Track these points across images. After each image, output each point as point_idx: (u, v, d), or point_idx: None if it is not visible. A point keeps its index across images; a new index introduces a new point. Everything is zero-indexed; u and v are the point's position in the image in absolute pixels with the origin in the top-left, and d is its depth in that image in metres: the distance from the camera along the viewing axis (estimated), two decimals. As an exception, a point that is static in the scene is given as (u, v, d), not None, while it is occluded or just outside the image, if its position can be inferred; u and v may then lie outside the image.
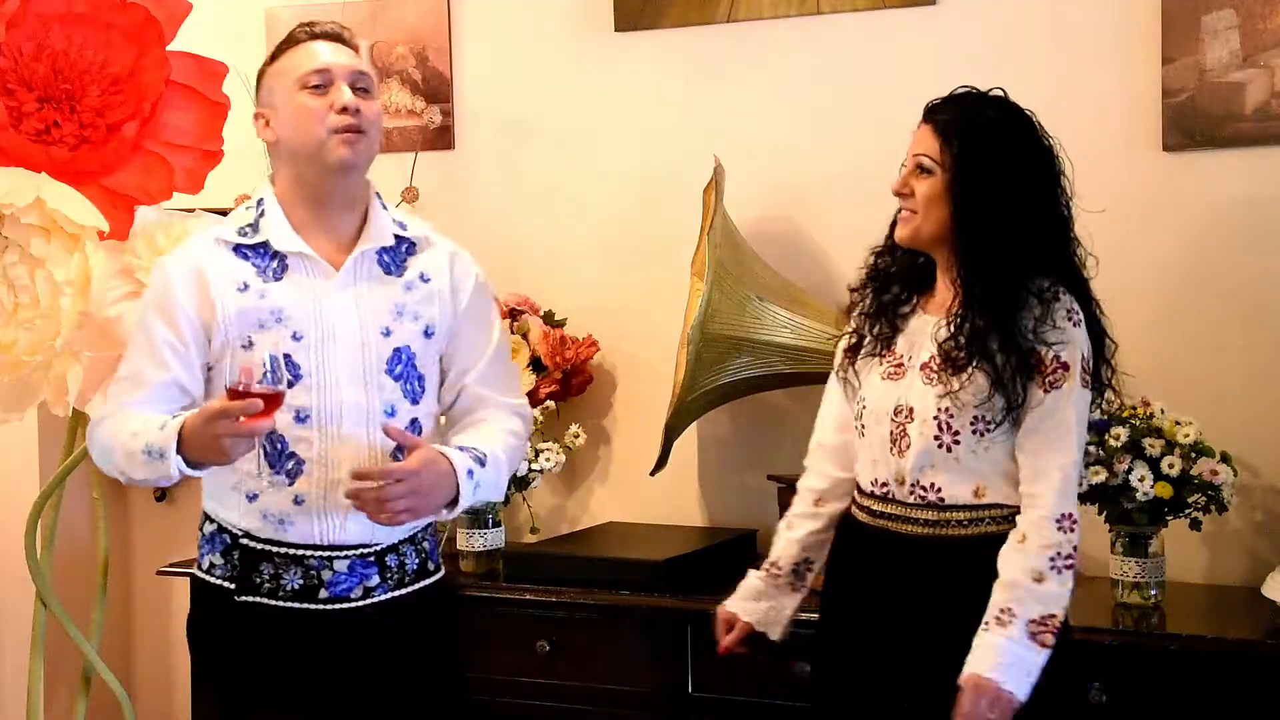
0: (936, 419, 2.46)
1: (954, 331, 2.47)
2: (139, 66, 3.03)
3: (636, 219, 3.65)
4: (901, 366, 2.54)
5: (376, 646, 2.57)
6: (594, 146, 3.69)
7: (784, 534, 2.74)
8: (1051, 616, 2.38)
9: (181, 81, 3.09)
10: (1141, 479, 2.89)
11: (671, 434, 3.32)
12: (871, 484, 2.57)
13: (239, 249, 2.56)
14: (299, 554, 2.54)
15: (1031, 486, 2.42)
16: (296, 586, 2.54)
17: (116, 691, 3.38)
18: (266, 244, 2.55)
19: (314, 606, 2.54)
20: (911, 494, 2.50)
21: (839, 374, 2.66)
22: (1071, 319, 2.44)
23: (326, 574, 2.54)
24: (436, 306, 2.63)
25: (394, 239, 2.62)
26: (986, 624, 2.39)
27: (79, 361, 3.06)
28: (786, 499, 3.30)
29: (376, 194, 2.65)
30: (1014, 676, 2.35)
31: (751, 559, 3.38)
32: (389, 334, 2.57)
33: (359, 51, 2.66)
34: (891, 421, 2.52)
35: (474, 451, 2.57)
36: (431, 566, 2.68)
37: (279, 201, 2.58)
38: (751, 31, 3.54)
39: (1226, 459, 2.97)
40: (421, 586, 2.64)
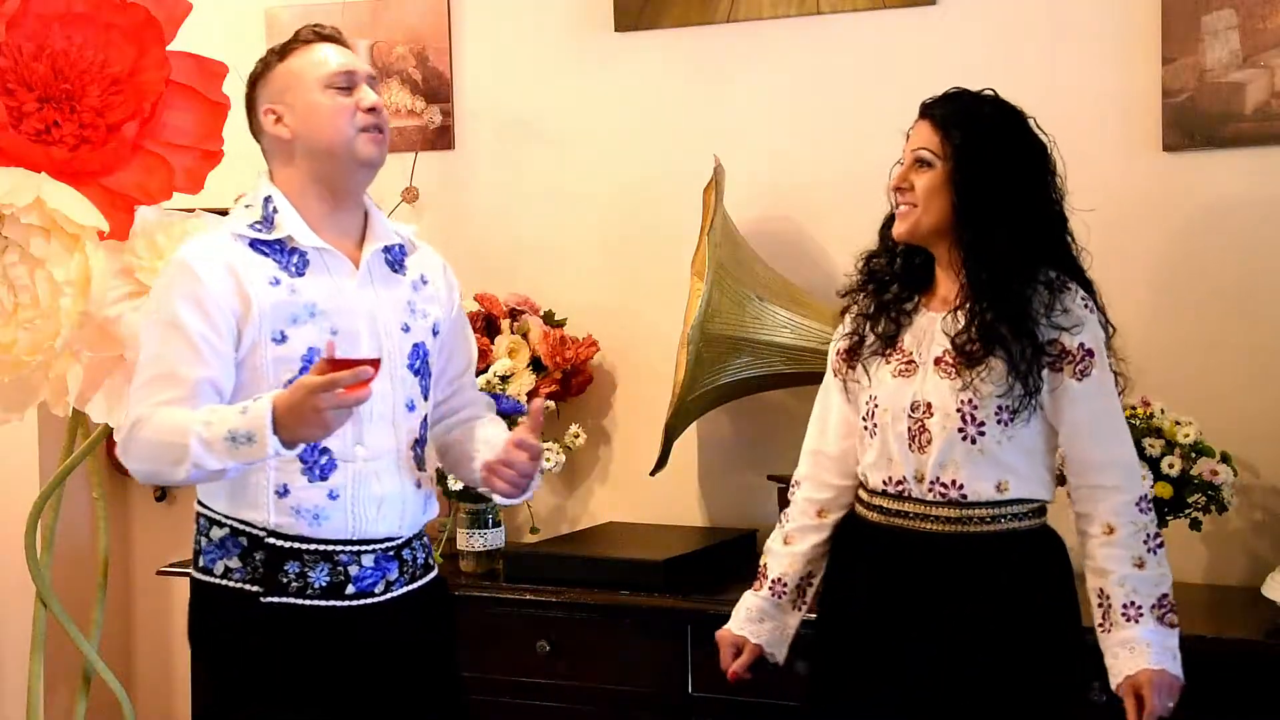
0: (960, 411, 2.46)
1: (966, 324, 2.47)
2: (139, 66, 3.03)
3: (636, 219, 3.65)
4: (913, 363, 2.53)
5: (394, 641, 2.58)
6: (594, 146, 3.69)
7: (783, 550, 2.70)
8: (1166, 596, 2.44)
9: (181, 81, 3.09)
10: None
11: (671, 434, 3.32)
12: (884, 483, 2.56)
13: (255, 244, 2.54)
14: (329, 549, 2.53)
15: (1100, 477, 2.45)
16: (324, 584, 2.52)
17: (116, 691, 3.38)
18: (283, 241, 2.54)
19: (340, 603, 2.53)
20: (930, 491, 2.50)
21: (837, 377, 2.66)
22: (1086, 306, 2.46)
23: (354, 569, 2.54)
24: (438, 307, 2.68)
25: (396, 237, 2.65)
26: (1110, 625, 2.43)
27: (79, 361, 3.06)
28: (787, 499, 3.31)
29: (368, 197, 2.67)
30: (1172, 663, 2.41)
31: (752, 559, 3.39)
32: (408, 330, 2.60)
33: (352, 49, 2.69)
34: (909, 418, 2.51)
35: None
36: (431, 561, 2.71)
37: (288, 198, 2.57)
38: (751, 31, 3.54)
39: (1226, 459, 2.97)
40: (427, 581, 2.66)
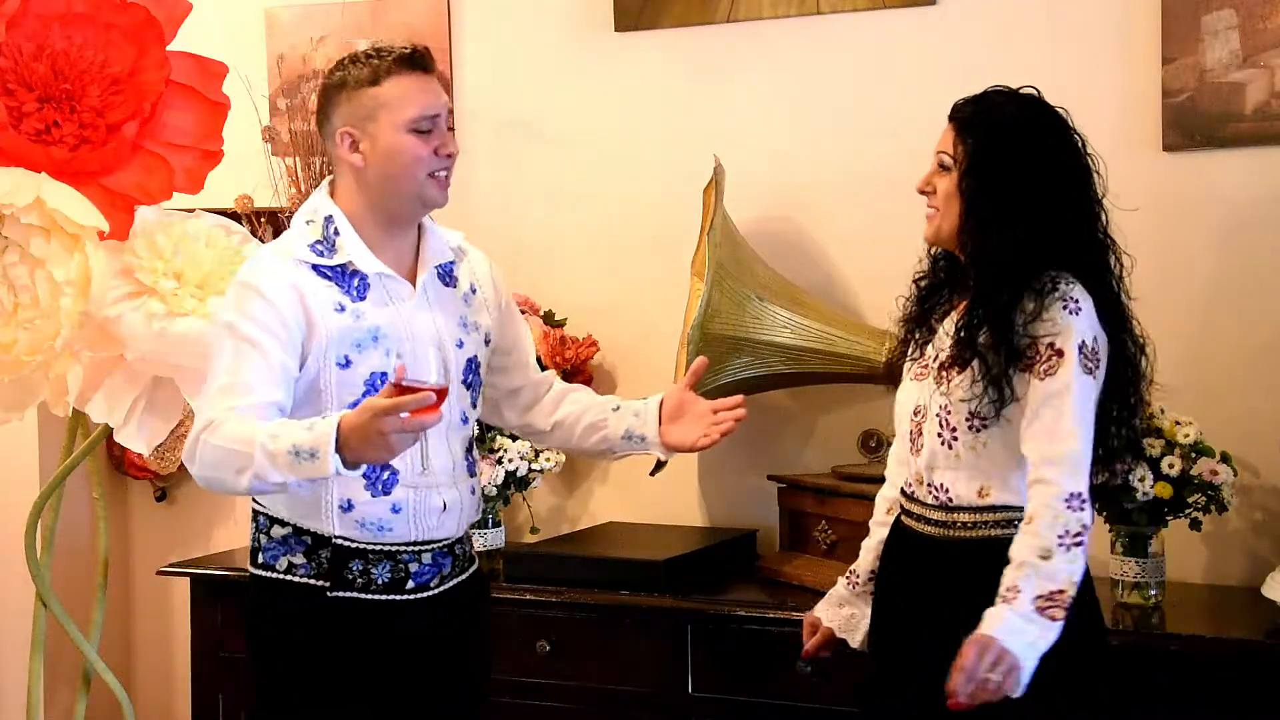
0: (939, 416, 2.48)
1: (958, 329, 2.47)
2: (139, 66, 3.03)
3: (636, 219, 3.65)
4: (927, 368, 2.55)
5: (445, 631, 2.66)
6: (594, 146, 3.69)
7: (865, 543, 2.75)
8: (1060, 592, 2.34)
9: (181, 81, 3.09)
10: (1141, 479, 2.89)
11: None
12: (905, 484, 2.61)
13: (318, 269, 2.56)
14: (392, 549, 2.60)
15: (1037, 472, 2.40)
16: (386, 580, 2.60)
17: (116, 691, 3.38)
18: (344, 265, 2.56)
19: (400, 598, 2.61)
20: (929, 494, 2.52)
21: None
22: (1068, 307, 2.41)
23: (414, 566, 2.62)
24: (488, 315, 2.73)
25: (449, 253, 2.69)
26: (994, 602, 2.37)
27: (79, 361, 3.06)
28: (786, 499, 3.32)
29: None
30: (1017, 643, 2.31)
31: (752, 559, 3.40)
32: (462, 346, 2.65)
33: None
34: (911, 421, 2.55)
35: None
36: (473, 554, 2.80)
37: (349, 217, 2.59)
38: (751, 31, 3.54)
39: (1226, 459, 2.97)
40: (472, 572, 2.76)
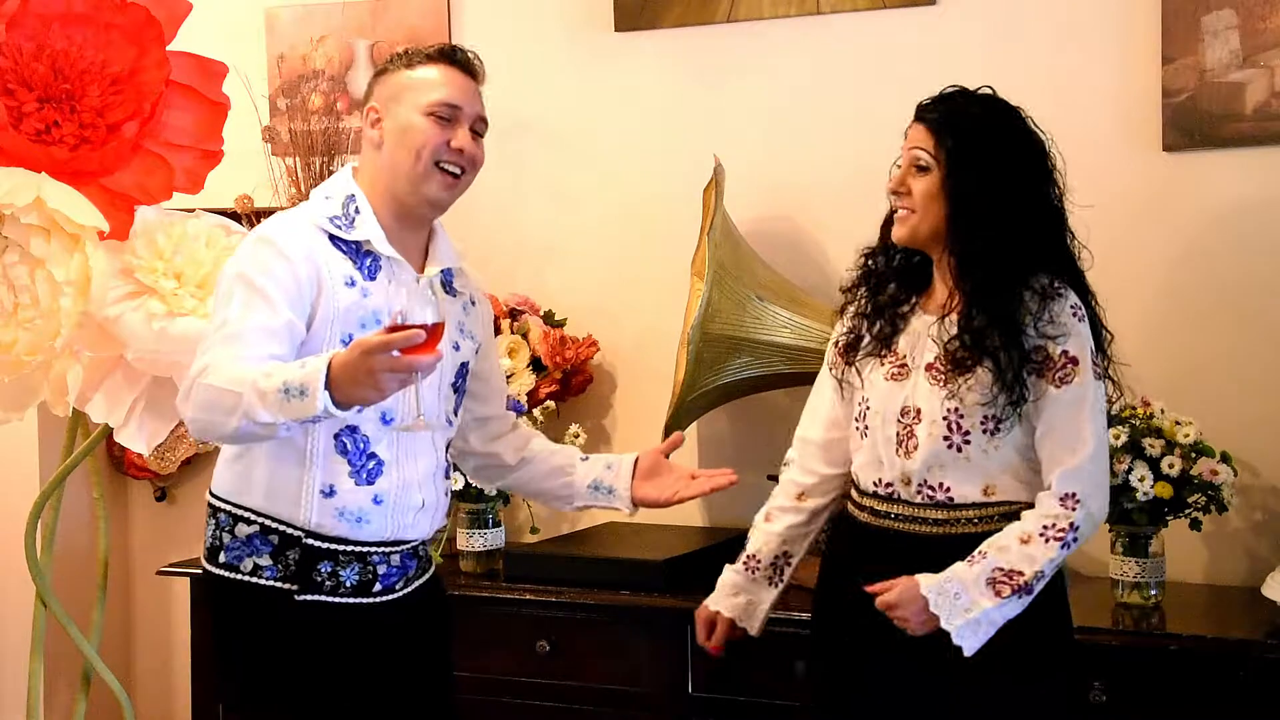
0: (946, 420, 2.46)
1: (958, 331, 2.47)
2: (139, 66, 3.03)
3: (636, 219, 3.65)
4: (905, 367, 2.54)
5: (409, 634, 2.64)
6: (594, 146, 3.70)
7: (762, 526, 2.76)
8: (1019, 573, 2.36)
9: (181, 81, 3.09)
10: (1141, 479, 2.90)
11: (671, 434, 3.31)
12: (874, 484, 2.56)
13: (334, 240, 2.54)
14: (363, 551, 2.57)
15: (1053, 473, 2.43)
16: (354, 582, 2.57)
17: (116, 691, 3.38)
18: (360, 243, 2.55)
19: (367, 600, 2.59)
20: (919, 494, 2.50)
21: (833, 372, 2.67)
22: (1076, 314, 2.44)
23: (382, 568, 2.60)
24: (481, 330, 2.74)
25: (456, 261, 2.69)
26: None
27: (79, 361, 3.06)
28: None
29: (438, 222, 2.70)
30: (947, 604, 2.35)
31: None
32: (458, 349, 2.65)
33: (482, 83, 2.64)
34: (898, 423, 2.52)
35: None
36: (431, 555, 2.78)
37: (369, 201, 2.58)
38: (751, 31, 3.54)
39: (1226, 459, 2.97)
40: (430, 574, 2.74)
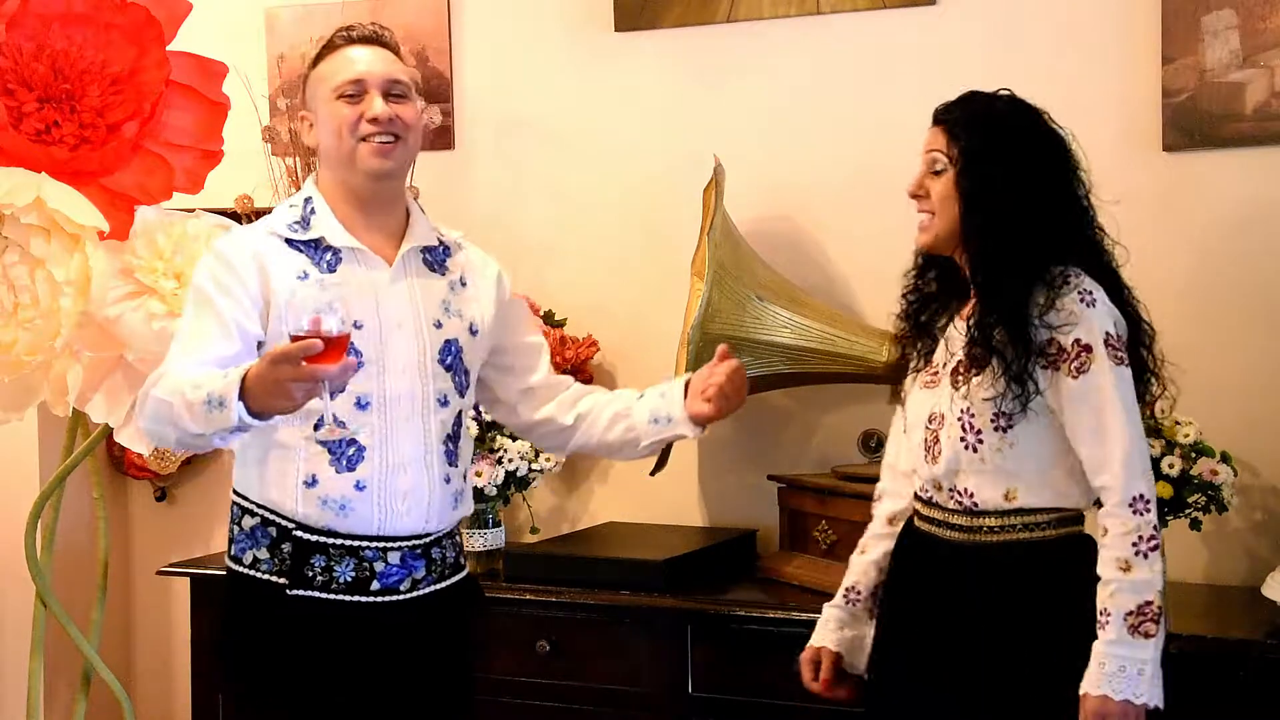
0: (960, 420, 2.46)
1: (971, 330, 2.46)
2: (139, 66, 3.04)
3: (636, 219, 3.65)
4: (937, 375, 2.54)
5: (419, 638, 2.61)
6: (594, 146, 3.69)
7: (858, 559, 2.71)
8: (1148, 604, 2.33)
9: (181, 81, 3.09)
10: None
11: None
12: (920, 491, 2.58)
13: (291, 242, 2.58)
14: (354, 545, 2.55)
15: (1097, 478, 2.39)
16: (349, 579, 2.55)
17: (116, 691, 3.38)
18: (319, 240, 2.58)
19: (364, 599, 2.56)
20: (951, 499, 2.50)
21: (902, 399, 2.66)
22: (1084, 299, 2.40)
23: (379, 566, 2.56)
24: (478, 309, 2.69)
25: (436, 240, 2.68)
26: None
27: (79, 361, 3.07)
28: (786, 499, 3.32)
29: (414, 200, 2.71)
30: (1124, 682, 2.31)
31: (752, 559, 3.40)
32: (440, 326, 2.62)
33: (399, 53, 2.68)
34: (926, 429, 2.53)
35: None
36: (462, 560, 2.73)
37: (325, 200, 2.62)
38: (751, 31, 3.54)
39: (1226, 459, 2.97)
40: (455, 580, 2.69)
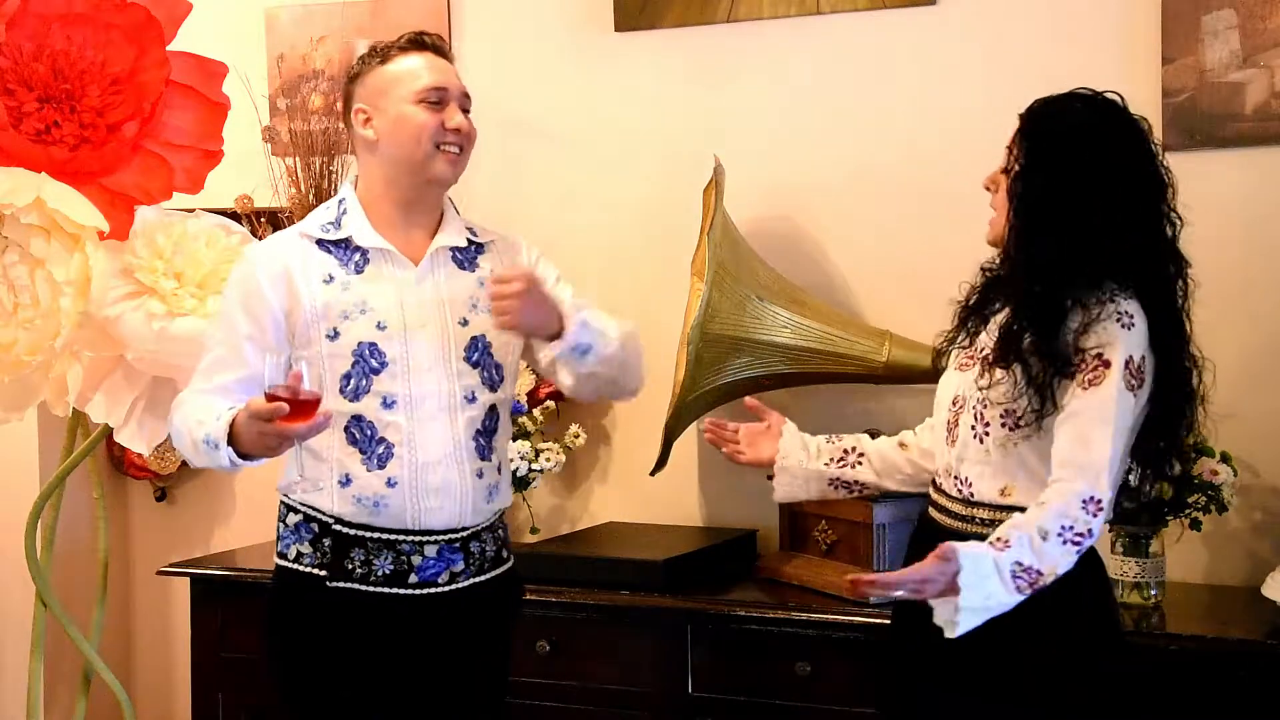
0: (975, 409, 2.47)
1: (1001, 330, 2.46)
2: (139, 66, 3.03)
3: (636, 219, 3.65)
4: (973, 358, 2.52)
5: (458, 630, 2.66)
6: (594, 146, 3.69)
7: (858, 436, 2.82)
8: (1039, 574, 2.30)
9: (181, 81, 3.09)
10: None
11: (671, 434, 3.32)
12: (935, 476, 2.60)
13: (322, 244, 2.64)
14: (391, 539, 2.61)
15: (1060, 471, 2.36)
16: (388, 571, 2.61)
17: (116, 691, 3.38)
18: (349, 240, 2.65)
19: (403, 591, 2.62)
20: (954, 486, 2.51)
21: (941, 365, 2.65)
22: (1121, 322, 2.37)
23: (416, 559, 2.62)
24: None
25: (466, 241, 2.72)
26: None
27: (79, 361, 3.07)
28: (786, 499, 3.32)
29: (450, 199, 2.76)
30: (974, 580, 2.26)
31: (752, 559, 3.40)
32: (466, 324, 2.67)
33: (454, 63, 2.76)
34: (949, 410, 2.54)
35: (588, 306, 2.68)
36: (505, 554, 2.77)
37: (360, 200, 2.68)
38: (751, 31, 3.54)
39: (1226, 459, 2.97)
40: (498, 573, 2.73)
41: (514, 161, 3.77)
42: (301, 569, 2.64)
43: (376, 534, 2.61)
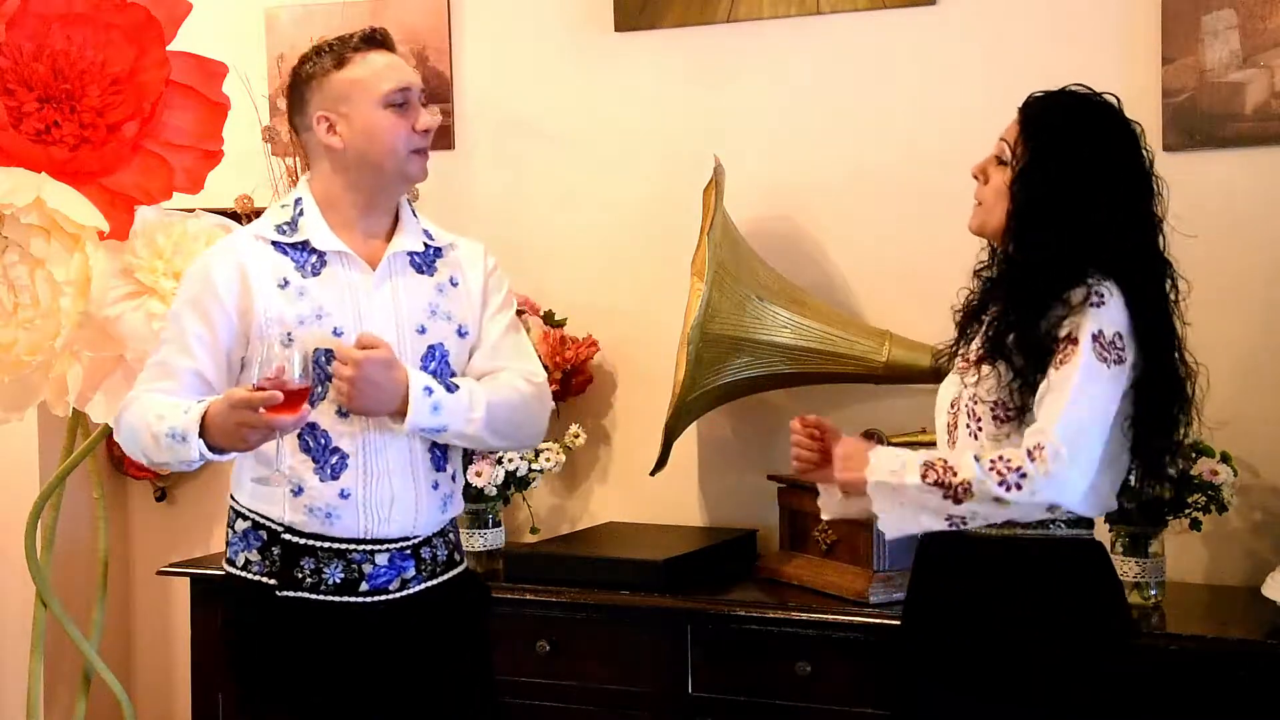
0: (967, 407, 2.47)
1: (986, 327, 2.46)
2: (139, 66, 3.04)
3: (636, 219, 3.65)
4: (967, 361, 2.53)
5: (411, 637, 2.61)
6: (594, 146, 3.69)
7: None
8: (952, 471, 2.35)
9: (181, 81, 3.09)
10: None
11: (671, 434, 3.32)
12: None
13: (278, 245, 2.59)
14: (342, 548, 2.57)
15: (1028, 439, 2.36)
16: (338, 580, 2.57)
17: (116, 691, 3.38)
18: (305, 242, 2.59)
19: (354, 599, 2.58)
20: None
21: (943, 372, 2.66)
22: (1090, 300, 2.37)
23: (368, 567, 2.58)
24: (468, 308, 2.68)
25: (423, 245, 2.67)
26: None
27: (79, 361, 3.07)
28: (786, 499, 3.32)
29: (405, 200, 2.70)
30: (887, 457, 2.40)
31: (752, 559, 3.40)
32: (424, 331, 2.62)
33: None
34: (947, 413, 2.54)
35: (448, 380, 2.58)
36: (458, 557, 2.73)
37: (317, 202, 2.62)
38: (751, 31, 3.54)
39: (1226, 459, 2.97)
40: (449, 577, 2.69)
41: (514, 161, 3.77)
42: (250, 576, 2.59)
43: (328, 543, 2.56)
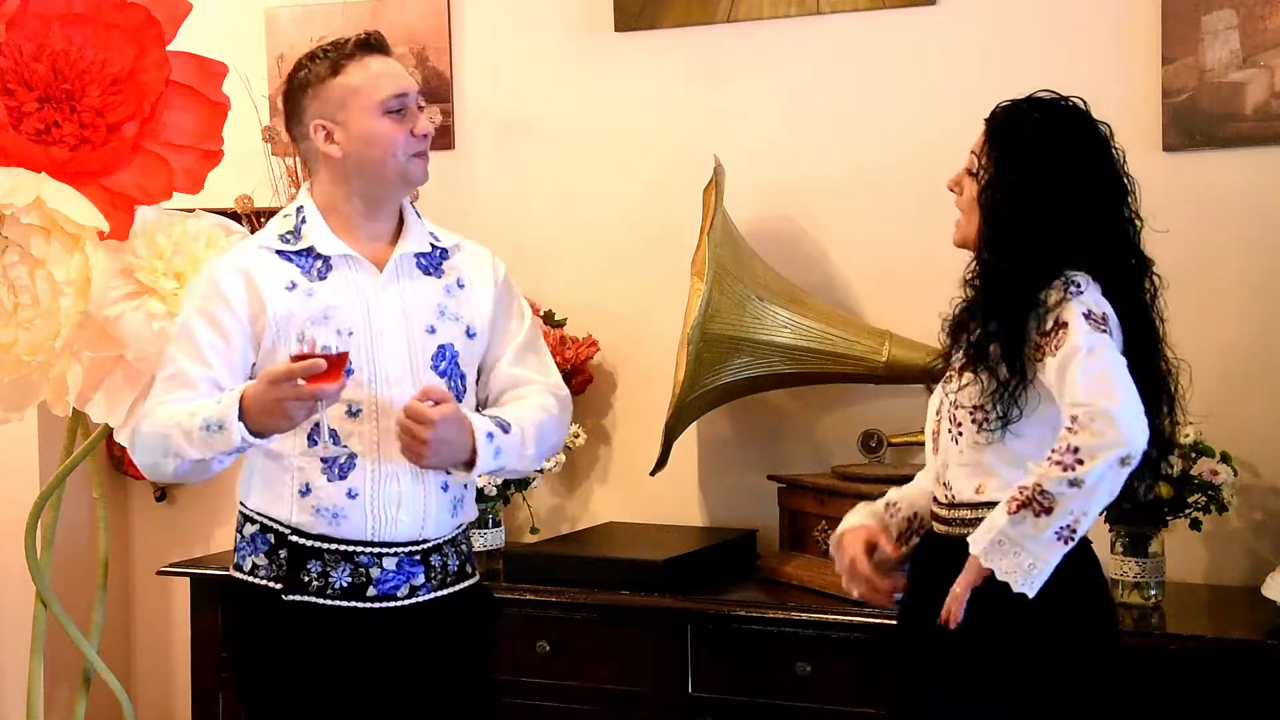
0: (949, 413, 2.48)
1: (968, 332, 2.47)
2: (139, 66, 3.04)
3: (636, 219, 3.65)
4: (953, 369, 2.53)
5: (418, 645, 2.59)
6: (594, 146, 3.69)
7: (903, 489, 2.69)
8: (1024, 488, 2.30)
9: (181, 81, 3.09)
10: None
11: (671, 434, 3.32)
12: (934, 489, 2.58)
13: (283, 254, 2.58)
14: (349, 550, 2.55)
15: (1070, 410, 2.31)
16: (345, 584, 2.55)
17: (116, 691, 3.38)
18: (310, 249, 2.58)
19: (361, 605, 2.55)
20: (944, 492, 2.52)
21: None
22: (1069, 291, 2.37)
23: (375, 571, 2.56)
24: (475, 309, 2.67)
25: (429, 246, 2.66)
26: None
27: (79, 361, 3.07)
28: (786, 499, 3.32)
29: (408, 203, 2.70)
30: (987, 544, 2.32)
31: (752, 559, 3.40)
32: (433, 331, 2.61)
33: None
34: (934, 421, 2.55)
35: (499, 419, 2.59)
36: (470, 569, 2.70)
37: (319, 209, 2.61)
38: (751, 31, 3.54)
39: (1226, 459, 2.97)
40: (461, 588, 2.66)
41: (514, 161, 3.77)
42: (256, 581, 2.57)
43: (334, 545, 2.54)
